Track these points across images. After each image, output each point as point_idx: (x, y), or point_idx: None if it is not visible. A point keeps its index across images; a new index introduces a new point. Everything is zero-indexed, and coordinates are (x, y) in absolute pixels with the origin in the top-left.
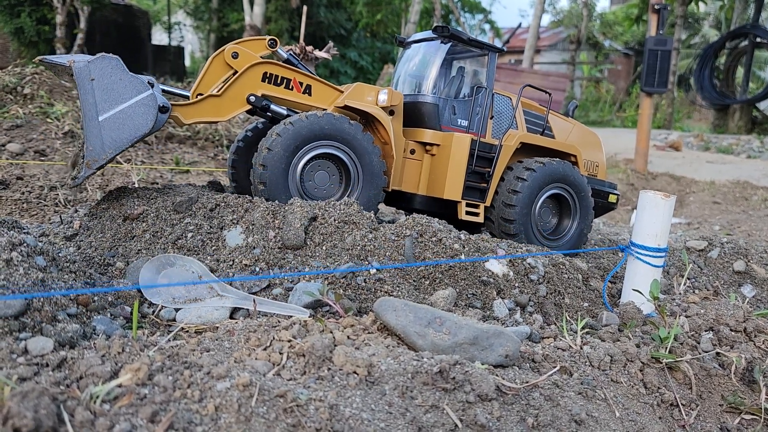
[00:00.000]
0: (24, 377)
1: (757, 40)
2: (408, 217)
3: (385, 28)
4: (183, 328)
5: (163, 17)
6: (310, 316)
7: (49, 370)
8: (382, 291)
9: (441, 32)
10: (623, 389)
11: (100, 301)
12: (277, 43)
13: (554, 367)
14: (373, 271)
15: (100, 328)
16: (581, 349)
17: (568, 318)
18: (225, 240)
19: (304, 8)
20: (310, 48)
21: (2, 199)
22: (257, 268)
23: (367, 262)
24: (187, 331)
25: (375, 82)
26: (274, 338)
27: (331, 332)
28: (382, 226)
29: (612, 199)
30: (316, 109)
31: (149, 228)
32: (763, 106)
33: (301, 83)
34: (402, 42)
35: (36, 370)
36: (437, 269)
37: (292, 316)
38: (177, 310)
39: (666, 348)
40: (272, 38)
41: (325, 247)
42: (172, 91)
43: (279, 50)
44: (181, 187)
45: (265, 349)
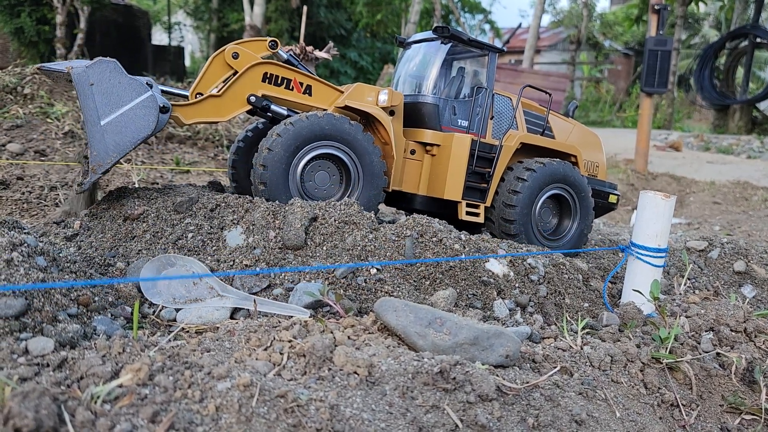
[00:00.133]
0: (25, 377)
1: (757, 40)
2: (408, 217)
3: (385, 28)
4: (183, 329)
5: (163, 17)
6: (310, 317)
7: (49, 371)
8: (382, 291)
9: (441, 32)
10: (624, 389)
11: (100, 301)
12: (278, 45)
13: (555, 368)
14: (374, 271)
15: (101, 329)
16: (582, 349)
17: (569, 318)
18: (225, 240)
19: (304, 8)
20: (310, 48)
21: (2, 199)
22: (258, 269)
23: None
24: (188, 332)
25: (375, 83)
26: (274, 338)
27: (332, 332)
28: (383, 227)
29: (612, 199)
30: (316, 110)
31: (150, 228)
32: (763, 106)
33: (302, 83)
34: (402, 42)
35: (37, 371)
36: (437, 270)
37: (292, 317)
38: (177, 311)
39: (666, 348)
40: (273, 39)
41: (325, 248)
42: (171, 91)
43: (279, 51)
44: (182, 187)
45: (266, 350)
